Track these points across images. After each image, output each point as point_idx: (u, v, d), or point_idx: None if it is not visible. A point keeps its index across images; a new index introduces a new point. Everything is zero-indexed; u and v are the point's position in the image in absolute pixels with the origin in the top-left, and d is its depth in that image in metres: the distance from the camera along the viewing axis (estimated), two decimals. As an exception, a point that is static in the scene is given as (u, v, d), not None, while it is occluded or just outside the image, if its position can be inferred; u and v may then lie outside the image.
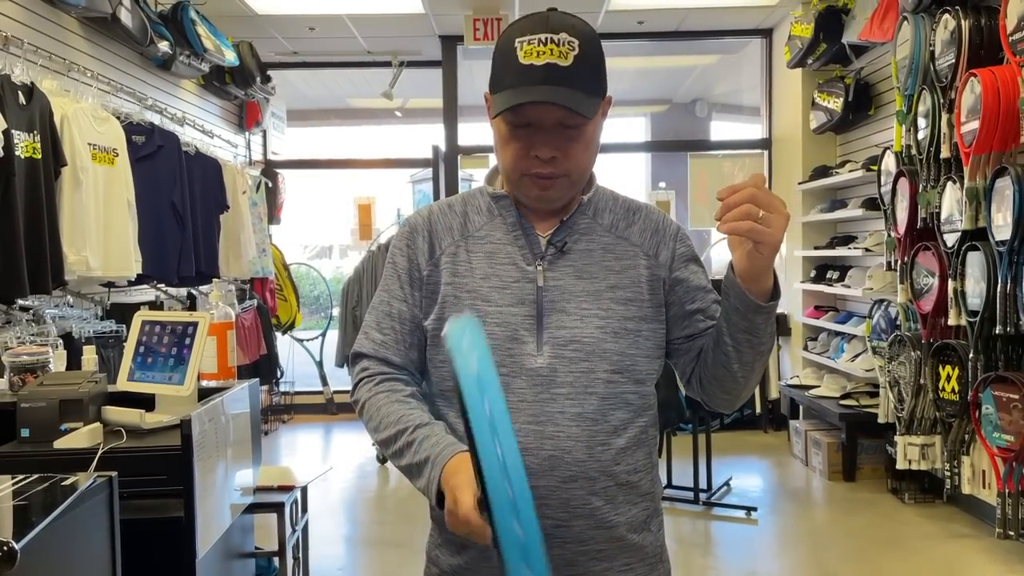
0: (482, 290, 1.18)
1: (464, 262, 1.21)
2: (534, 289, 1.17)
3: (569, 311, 1.16)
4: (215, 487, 1.84)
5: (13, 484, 1.19)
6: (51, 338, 3.19)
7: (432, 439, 1.10)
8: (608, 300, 1.17)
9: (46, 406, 1.82)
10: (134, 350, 2.01)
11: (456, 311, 1.18)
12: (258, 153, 6.82)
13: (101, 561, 1.25)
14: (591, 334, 1.15)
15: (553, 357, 1.14)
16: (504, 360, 1.14)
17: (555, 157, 1.13)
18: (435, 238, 1.24)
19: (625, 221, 1.24)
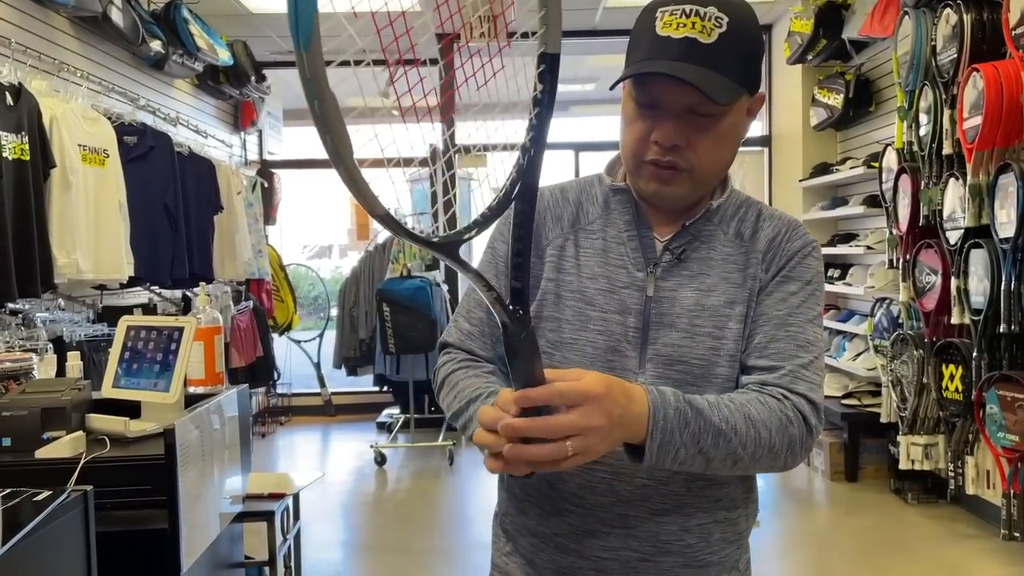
0: (587, 291, 1.07)
1: (571, 257, 1.09)
2: (642, 299, 1.05)
3: (679, 327, 1.04)
4: (201, 497, 1.79)
5: (-18, 500, 1.14)
6: (41, 342, 3.14)
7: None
8: (725, 317, 1.04)
9: (28, 415, 1.77)
10: (119, 356, 1.96)
11: (556, 312, 1.07)
12: (254, 153, 6.78)
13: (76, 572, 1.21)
14: (701, 355, 1.03)
15: (656, 376, 1.03)
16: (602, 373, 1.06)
17: (678, 146, 0.99)
18: (541, 227, 1.11)
19: (752, 228, 1.09)
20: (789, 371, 1.01)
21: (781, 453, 0.98)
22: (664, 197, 1.05)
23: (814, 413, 1.01)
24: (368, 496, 4.79)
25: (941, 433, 3.90)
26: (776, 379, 1.01)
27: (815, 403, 1.01)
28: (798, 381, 1.01)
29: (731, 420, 0.94)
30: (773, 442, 0.96)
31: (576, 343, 1.05)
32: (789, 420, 0.98)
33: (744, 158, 6.62)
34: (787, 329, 1.04)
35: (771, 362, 1.02)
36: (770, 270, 1.07)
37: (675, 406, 0.91)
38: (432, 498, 4.67)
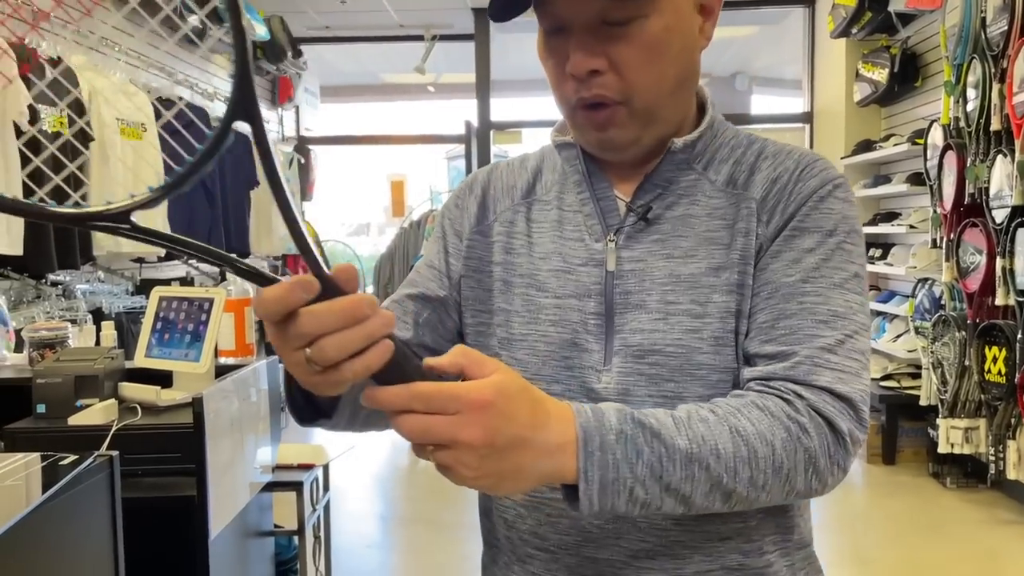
0: (539, 274, 0.87)
1: (521, 234, 0.90)
2: (602, 275, 0.84)
3: (649, 306, 0.81)
4: (230, 465, 1.82)
5: (12, 464, 1.17)
6: (80, 313, 3.21)
7: None
8: (708, 288, 0.80)
9: (62, 382, 1.81)
10: (152, 326, 1.99)
11: (505, 303, 0.88)
12: (291, 129, 6.82)
13: (102, 542, 1.23)
14: (676, 340, 0.80)
15: (625, 374, 0.81)
16: (559, 375, 0.84)
17: (596, 72, 0.78)
18: (489, 198, 0.94)
19: (750, 171, 0.85)
20: (805, 357, 0.76)
21: (797, 475, 0.73)
22: (608, 145, 0.84)
23: (846, 412, 0.74)
24: (401, 469, 4.83)
25: (982, 417, 3.81)
26: (785, 370, 0.76)
27: (847, 398, 0.75)
28: (818, 370, 0.75)
29: (708, 439, 0.70)
30: (780, 462, 0.72)
31: (527, 339, 0.86)
32: (801, 428, 0.73)
33: (784, 135, 6.49)
34: (801, 300, 0.78)
35: (779, 347, 0.77)
36: (773, 222, 0.82)
37: (618, 429, 0.68)
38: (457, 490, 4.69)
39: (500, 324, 0.88)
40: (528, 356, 0.86)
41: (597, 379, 0.82)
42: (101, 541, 1.23)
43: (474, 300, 0.91)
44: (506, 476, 0.64)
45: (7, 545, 0.99)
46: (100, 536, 1.23)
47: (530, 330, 0.86)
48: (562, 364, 0.84)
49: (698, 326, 0.80)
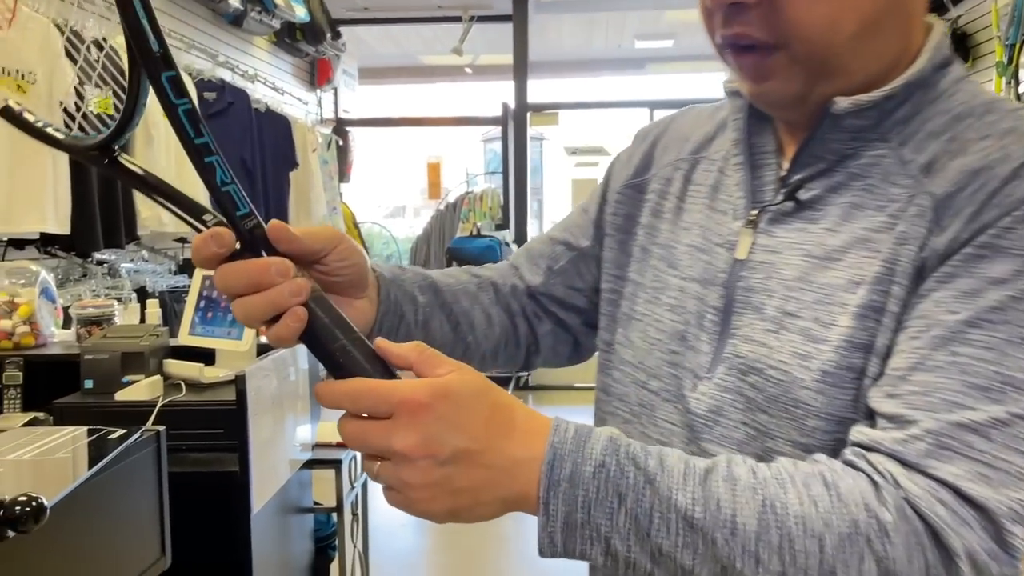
0: (676, 248, 0.74)
1: (674, 196, 0.77)
2: (728, 263, 0.69)
3: (765, 312, 0.65)
4: (271, 442, 1.84)
5: (61, 437, 1.19)
6: (125, 292, 3.27)
7: None
8: (838, 307, 0.61)
9: (108, 358, 1.84)
10: (195, 304, 2.02)
11: (639, 273, 0.77)
12: (329, 111, 6.85)
13: (149, 514, 1.25)
14: (782, 364, 0.62)
15: (724, 389, 0.66)
16: (660, 370, 0.72)
17: (740, 3, 0.61)
18: (657, 149, 0.81)
19: (952, 150, 0.61)
20: (928, 431, 0.54)
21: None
22: (764, 100, 0.67)
23: (975, 525, 0.52)
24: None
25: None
26: (894, 443, 0.55)
27: (981, 506, 0.52)
28: (945, 454, 0.53)
29: (726, 506, 0.53)
30: (829, 567, 0.52)
31: (643, 320, 0.75)
32: (880, 529, 0.52)
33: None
34: (957, 350, 0.56)
35: (900, 408, 0.56)
36: (951, 229, 0.58)
37: (599, 461, 0.54)
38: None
39: (627, 297, 0.78)
40: (640, 340, 0.75)
41: (692, 386, 0.68)
42: (148, 513, 1.26)
43: (612, 263, 0.81)
44: (460, 498, 0.53)
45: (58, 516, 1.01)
46: (147, 508, 1.26)
47: (649, 310, 0.75)
48: (667, 359, 0.71)
49: (810, 352, 0.61)
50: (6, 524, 0.82)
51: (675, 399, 0.70)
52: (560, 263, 0.85)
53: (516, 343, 0.86)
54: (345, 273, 0.68)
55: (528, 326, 0.86)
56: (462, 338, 0.81)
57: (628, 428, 0.74)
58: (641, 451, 0.55)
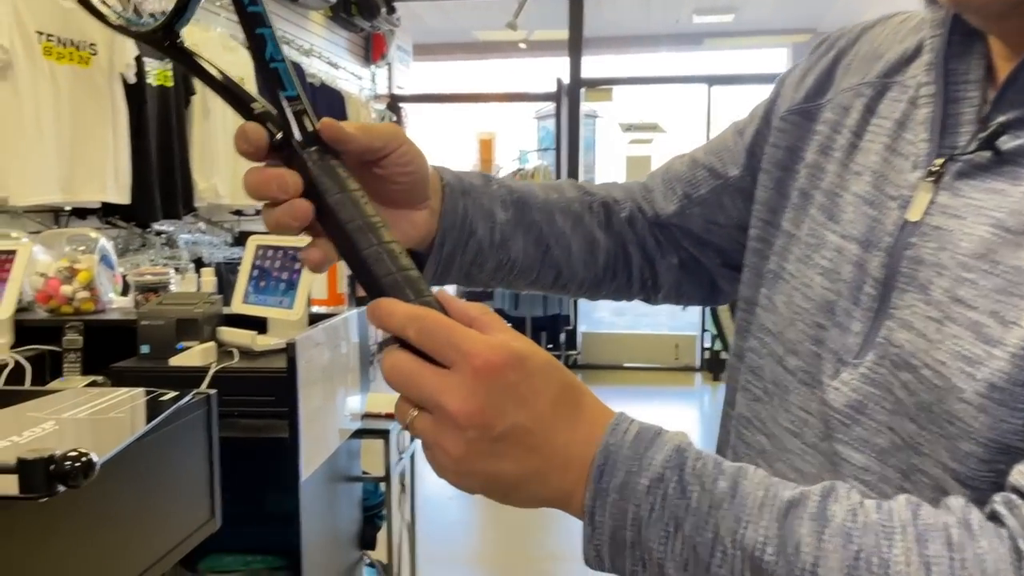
0: (841, 196, 0.59)
1: (849, 130, 0.61)
2: (897, 223, 0.54)
3: (931, 294, 0.51)
4: (321, 410, 1.86)
5: (118, 397, 1.21)
6: (182, 262, 3.33)
7: None
8: (1021, 300, 0.47)
9: (164, 324, 1.87)
10: (248, 273, 2.04)
11: (793, 224, 0.62)
12: (383, 87, 6.87)
13: (199, 476, 1.27)
14: (941, 364, 0.49)
15: (870, 382, 0.53)
16: (800, 345, 0.58)
17: None
18: (840, 67, 0.65)
19: None
20: None
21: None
22: (973, 5, 0.50)
23: None
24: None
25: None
26: None
27: None
28: None
29: (807, 552, 0.42)
30: None
31: (790, 282, 0.61)
32: None
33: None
34: None
35: None
36: None
37: (657, 474, 0.45)
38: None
39: (777, 250, 0.63)
40: (783, 306, 0.61)
41: (833, 372, 0.55)
42: (198, 474, 1.27)
43: (765, 205, 0.66)
44: (499, 482, 0.46)
45: (109, 474, 1.02)
46: (198, 470, 1.27)
47: (798, 271, 0.60)
48: (810, 333, 0.58)
49: (978, 355, 0.47)
50: (56, 478, 0.83)
51: (812, 383, 0.57)
52: (700, 191, 0.73)
53: (628, 276, 0.76)
54: (403, 179, 0.60)
55: (645, 258, 0.76)
56: (552, 263, 0.71)
57: (758, 409, 0.62)
58: (713, 468, 0.45)
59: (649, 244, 0.76)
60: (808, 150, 0.63)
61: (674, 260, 0.76)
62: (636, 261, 0.76)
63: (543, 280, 0.72)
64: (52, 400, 1.22)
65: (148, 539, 1.13)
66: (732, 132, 0.74)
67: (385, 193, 0.61)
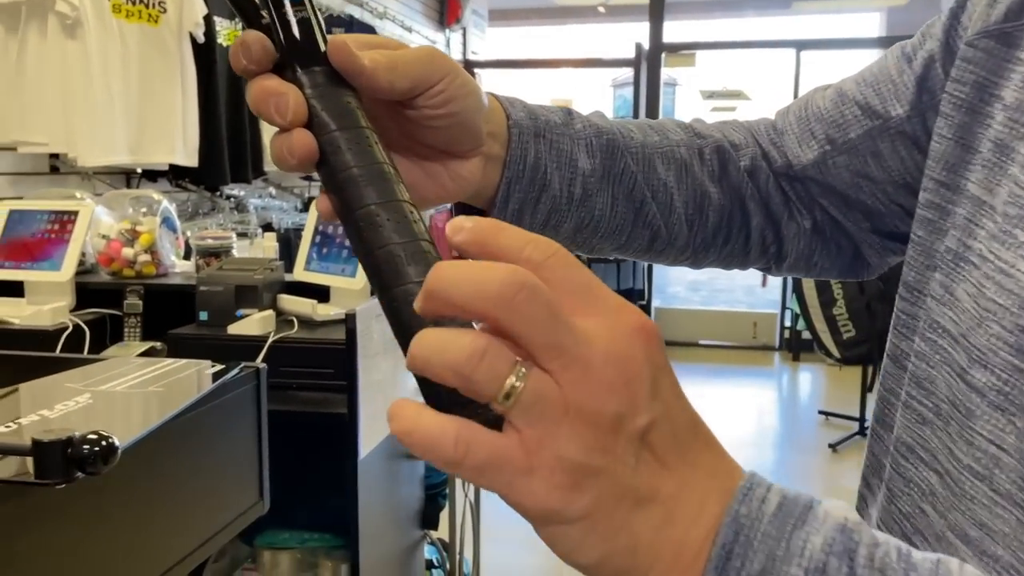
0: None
1: None
2: None
3: None
4: (383, 385, 1.76)
5: (159, 369, 1.13)
6: (251, 227, 3.29)
7: None
8: None
9: (223, 291, 1.80)
10: (311, 239, 1.96)
11: (984, 184, 0.44)
12: (457, 52, 6.74)
13: (246, 456, 1.18)
14: None
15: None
16: (993, 355, 0.41)
17: None
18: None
19: None
20: None
21: None
22: None
23: None
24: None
25: None
26: None
27: None
28: None
29: None
30: None
31: (982, 266, 0.43)
32: None
33: None
34: None
35: None
36: None
37: (818, 565, 0.30)
38: (617, 410, 4.58)
39: (960, 224, 0.46)
40: (968, 299, 0.43)
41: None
42: (245, 455, 1.18)
43: (940, 161, 0.48)
44: (595, 530, 0.30)
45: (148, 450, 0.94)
46: (244, 450, 1.18)
47: (993, 252, 0.43)
48: (1012, 342, 0.40)
49: None
50: (74, 464, 0.74)
51: (1011, 409, 0.40)
52: (849, 135, 0.56)
53: (744, 239, 0.60)
54: (440, 122, 0.47)
55: (768, 218, 0.60)
56: (648, 222, 0.56)
57: (927, 435, 0.46)
58: (898, 561, 0.30)
59: (775, 201, 0.60)
60: (1007, 87, 0.45)
61: (807, 222, 0.61)
62: (757, 222, 0.61)
63: (635, 244, 0.58)
64: (93, 370, 1.14)
65: (189, 522, 1.05)
66: (896, 58, 0.57)
67: (420, 137, 0.48)
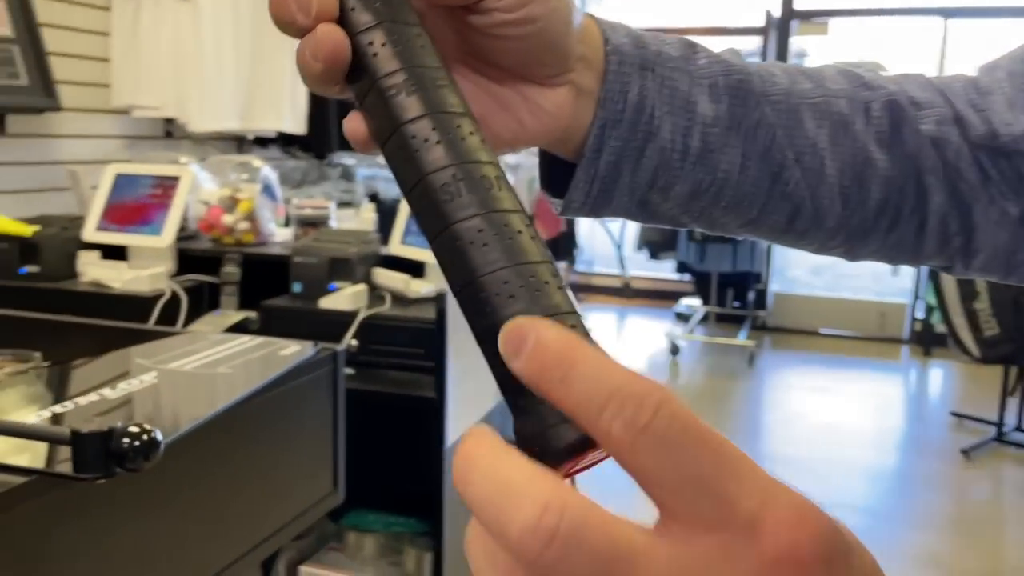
0: None
1: None
2: None
3: None
4: (476, 368, 1.67)
5: (231, 348, 1.07)
6: (357, 196, 3.27)
7: None
8: None
9: (316, 262, 1.75)
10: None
11: None
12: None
13: (320, 443, 1.11)
14: None
15: None
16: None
17: None
18: None
19: None
20: None
21: None
22: None
23: None
24: (677, 387, 4.61)
25: None
26: None
27: None
28: None
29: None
30: None
31: None
32: None
33: None
34: None
35: None
36: None
37: None
38: (725, 399, 4.37)
39: None
40: None
41: None
42: (320, 442, 1.11)
43: None
44: None
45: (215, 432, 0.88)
46: (319, 437, 1.12)
47: None
48: None
49: None
50: (113, 458, 0.67)
51: None
52: None
53: (919, 226, 0.47)
54: (514, 31, 0.36)
55: (955, 201, 0.46)
56: (788, 194, 0.44)
57: None
58: None
59: (968, 179, 0.46)
60: None
61: (1013, 209, 0.46)
62: (938, 203, 0.46)
63: (769, 220, 0.45)
64: (168, 345, 1.09)
65: (256, 513, 0.99)
66: None
67: (489, 53, 0.38)
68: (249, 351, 1.06)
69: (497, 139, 0.40)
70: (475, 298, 0.28)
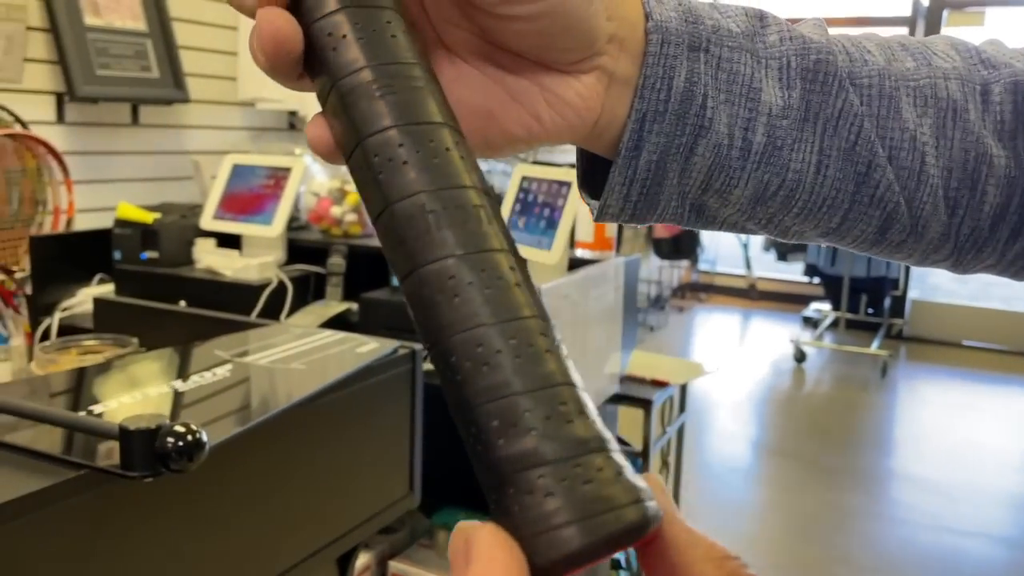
0: None
1: None
2: None
3: None
4: (571, 371, 1.62)
5: (309, 343, 1.06)
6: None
7: None
8: None
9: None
10: (511, 207, 1.85)
11: None
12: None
13: (395, 443, 1.09)
14: None
15: None
16: None
17: None
18: None
19: None
20: None
21: None
22: None
23: None
24: (780, 394, 4.40)
25: None
26: None
27: None
28: None
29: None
30: None
31: None
32: None
33: None
34: None
35: None
36: None
37: None
38: (854, 411, 4.12)
39: None
40: None
41: None
42: (396, 440, 1.09)
43: None
44: None
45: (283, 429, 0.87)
46: (395, 434, 1.10)
47: None
48: None
49: None
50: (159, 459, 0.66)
51: None
52: None
53: None
54: (527, 7, 0.31)
55: None
56: (880, 199, 0.37)
57: None
58: None
59: None
60: None
61: None
62: None
63: (856, 229, 0.38)
64: (249, 337, 1.10)
65: (327, 513, 0.98)
66: None
67: (499, 36, 0.32)
68: (328, 346, 1.05)
69: (509, 136, 0.34)
70: (446, 364, 0.23)
